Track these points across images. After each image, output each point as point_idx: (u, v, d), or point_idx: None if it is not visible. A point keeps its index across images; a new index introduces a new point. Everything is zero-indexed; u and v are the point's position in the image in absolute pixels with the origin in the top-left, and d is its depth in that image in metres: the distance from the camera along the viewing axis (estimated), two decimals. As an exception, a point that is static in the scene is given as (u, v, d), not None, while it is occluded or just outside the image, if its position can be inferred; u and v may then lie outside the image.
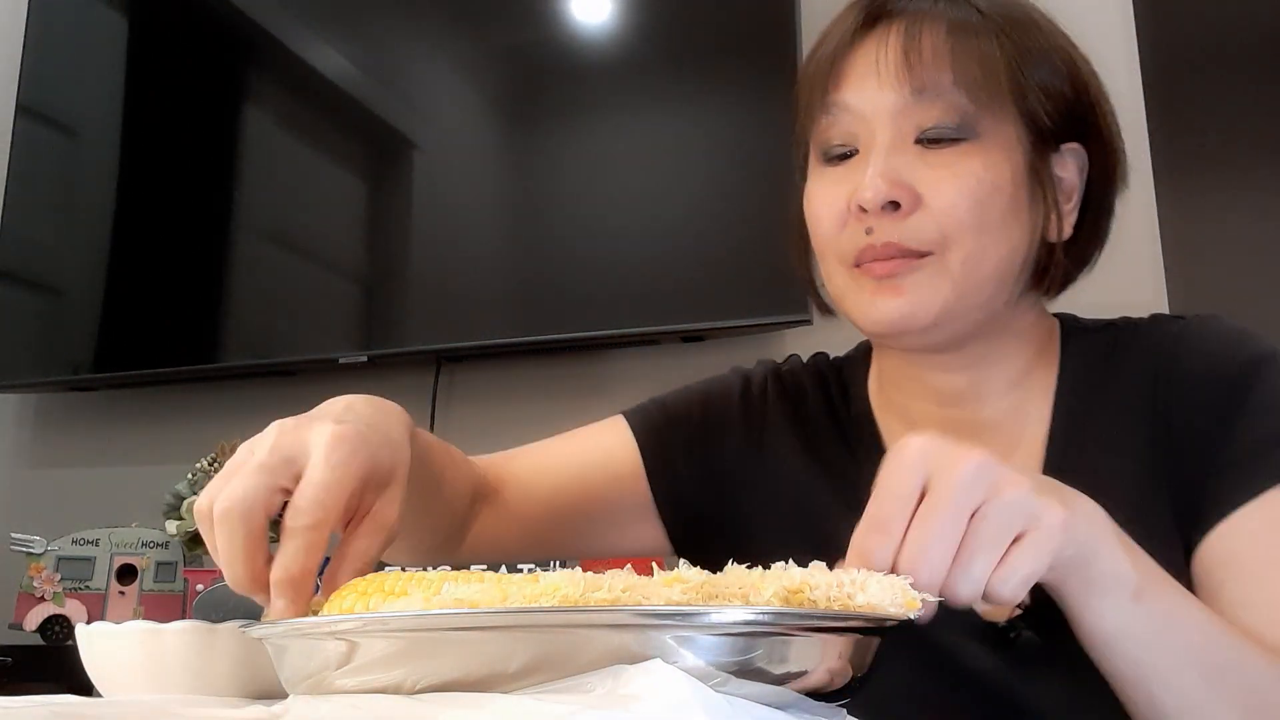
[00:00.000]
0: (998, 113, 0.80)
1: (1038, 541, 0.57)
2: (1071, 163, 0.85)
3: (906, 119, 0.81)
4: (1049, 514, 0.57)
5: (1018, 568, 0.56)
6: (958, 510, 0.55)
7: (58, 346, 2.48)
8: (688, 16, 2.11)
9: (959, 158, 0.80)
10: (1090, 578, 0.61)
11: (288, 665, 0.52)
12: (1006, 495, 0.56)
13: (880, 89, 0.81)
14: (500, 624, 0.45)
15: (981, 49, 0.80)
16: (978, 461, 0.56)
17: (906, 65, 0.80)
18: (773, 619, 0.46)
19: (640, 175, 2.11)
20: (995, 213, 0.80)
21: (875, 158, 0.80)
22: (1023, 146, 0.81)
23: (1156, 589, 0.64)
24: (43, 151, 2.55)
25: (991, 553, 0.56)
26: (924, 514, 0.56)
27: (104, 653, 0.73)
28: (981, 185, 0.79)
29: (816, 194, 0.86)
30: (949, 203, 0.79)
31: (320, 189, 2.37)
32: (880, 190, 0.79)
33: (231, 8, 2.46)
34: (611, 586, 0.45)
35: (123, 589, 2.12)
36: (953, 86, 0.80)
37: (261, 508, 0.58)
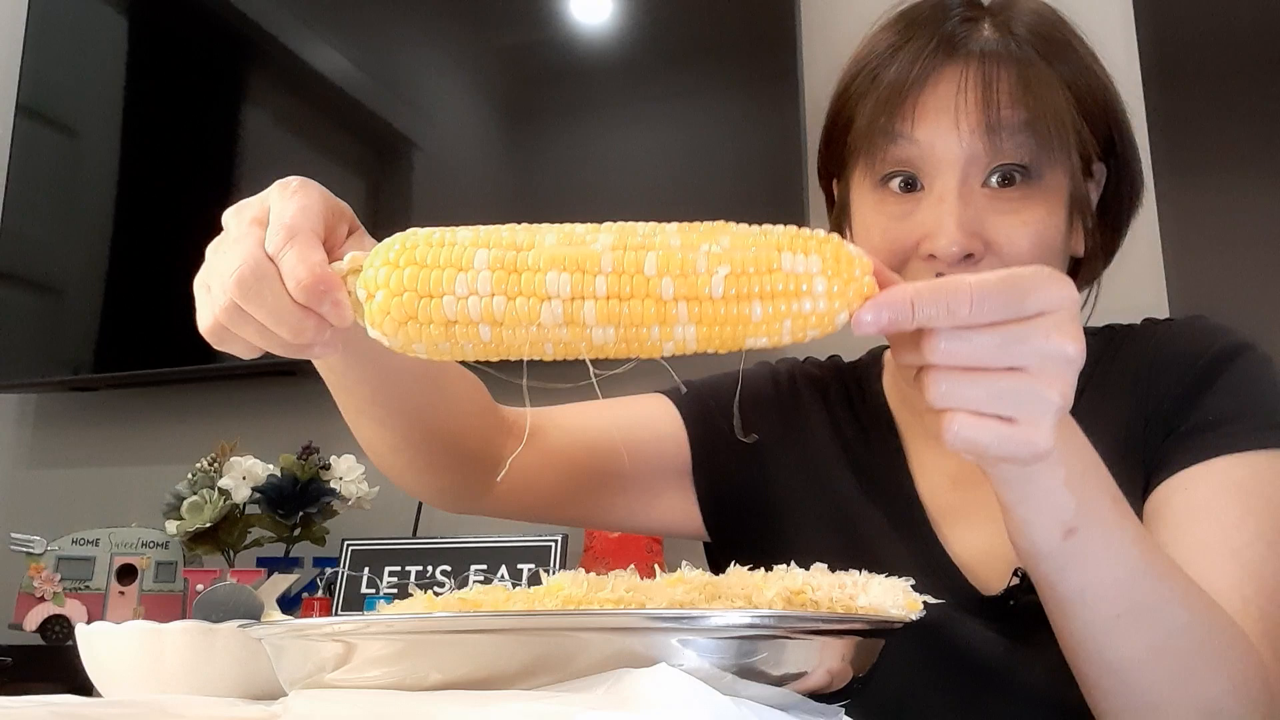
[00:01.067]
0: (1057, 152, 0.82)
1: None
2: (1094, 181, 0.89)
3: (977, 160, 0.82)
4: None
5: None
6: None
7: (58, 346, 2.48)
8: (688, 17, 2.11)
9: (1025, 204, 0.82)
10: (1028, 494, 0.62)
11: (287, 665, 0.52)
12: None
13: (957, 132, 0.82)
14: (504, 627, 0.45)
15: (1050, 96, 0.82)
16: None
17: (984, 107, 0.81)
18: (775, 622, 0.46)
19: (640, 175, 2.11)
20: (1053, 250, 0.83)
21: (949, 205, 0.81)
22: (1071, 180, 0.84)
23: (1093, 529, 0.64)
24: (43, 151, 2.55)
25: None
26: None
27: (104, 653, 0.73)
28: (1047, 230, 0.82)
29: (875, 225, 0.86)
30: (1020, 251, 0.81)
31: (320, 189, 2.36)
32: (959, 243, 0.80)
33: (231, 8, 2.46)
34: (615, 587, 0.45)
35: (123, 589, 2.11)
36: (1023, 129, 0.81)
37: (265, 260, 0.58)
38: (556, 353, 0.54)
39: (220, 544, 2.06)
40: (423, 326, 0.53)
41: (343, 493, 2.02)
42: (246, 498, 2.03)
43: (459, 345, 0.54)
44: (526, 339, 0.53)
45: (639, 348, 0.53)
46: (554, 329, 0.52)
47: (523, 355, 0.54)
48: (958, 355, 0.54)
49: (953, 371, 0.54)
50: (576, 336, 0.52)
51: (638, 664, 0.42)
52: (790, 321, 0.53)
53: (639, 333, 0.52)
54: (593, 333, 0.52)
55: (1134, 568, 0.65)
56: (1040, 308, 0.54)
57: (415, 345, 0.54)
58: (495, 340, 0.53)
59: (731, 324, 0.52)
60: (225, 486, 2.02)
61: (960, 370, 0.54)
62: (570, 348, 0.53)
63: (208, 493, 2.03)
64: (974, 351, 0.54)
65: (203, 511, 2.02)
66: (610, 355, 0.54)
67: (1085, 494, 0.63)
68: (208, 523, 2.01)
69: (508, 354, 0.54)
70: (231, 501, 2.02)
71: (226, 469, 2.05)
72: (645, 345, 0.53)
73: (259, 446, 2.09)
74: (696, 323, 0.52)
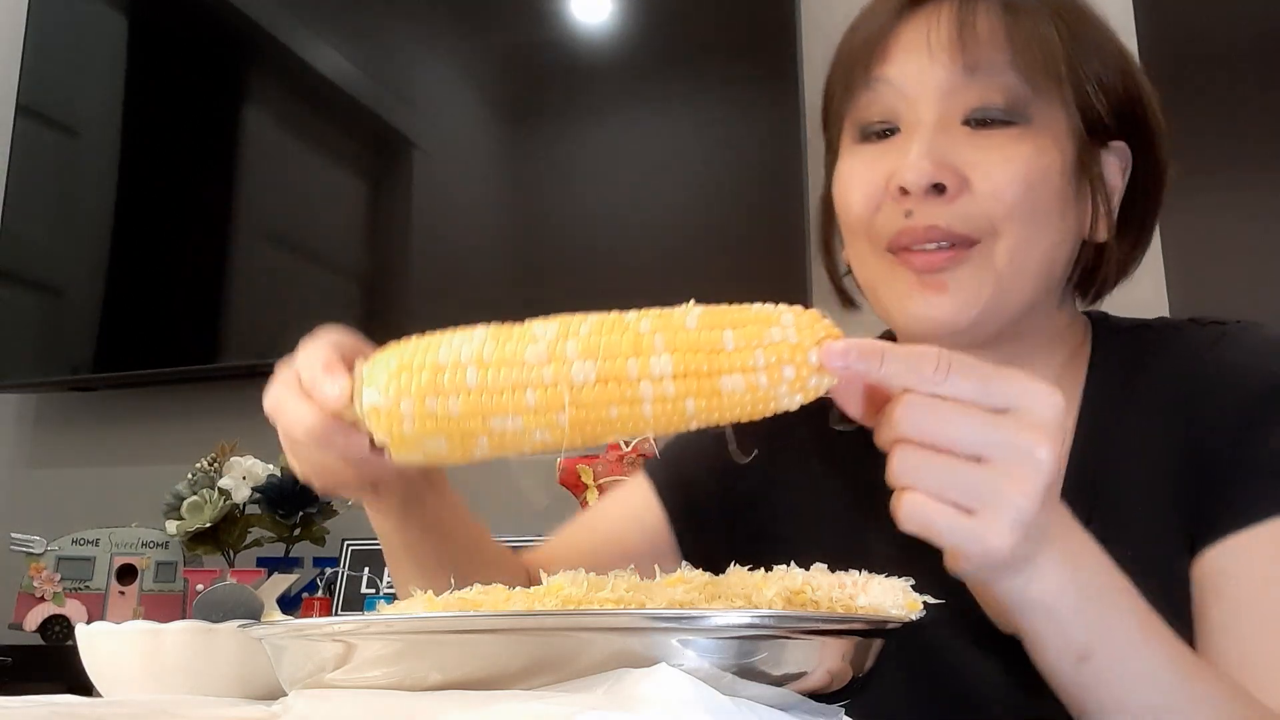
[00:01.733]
0: (1052, 98, 0.77)
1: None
2: (1115, 163, 0.82)
3: (955, 98, 0.77)
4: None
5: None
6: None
7: (58, 346, 2.47)
8: (688, 17, 2.11)
9: (1009, 141, 0.76)
10: (1034, 616, 0.59)
11: (287, 665, 0.52)
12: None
13: (930, 65, 0.77)
14: (504, 627, 0.45)
15: (1039, 31, 0.77)
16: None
17: (960, 41, 0.76)
18: (775, 622, 0.46)
19: (640, 175, 2.11)
20: (1044, 202, 0.76)
21: (920, 137, 0.76)
22: (1074, 137, 0.78)
23: (1111, 655, 0.59)
24: (43, 151, 2.55)
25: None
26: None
27: (104, 653, 0.73)
28: (1032, 170, 0.75)
29: (850, 172, 0.81)
30: (997, 186, 0.75)
31: (320, 189, 2.36)
32: (924, 171, 0.74)
33: (231, 8, 2.46)
34: (615, 587, 0.45)
35: (123, 589, 2.11)
36: (1008, 67, 0.76)
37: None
38: (537, 403, 0.56)
39: (220, 544, 2.06)
40: (422, 408, 0.58)
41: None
42: (246, 498, 2.03)
43: (449, 412, 0.57)
44: (511, 382, 0.56)
45: (617, 389, 0.55)
46: (537, 369, 0.56)
47: (505, 412, 0.57)
48: (923, 427, 0.53)
49: (918, 449, 0.53)
50: (559, 373, 0.55)
51: (638, 664, 0.42)
52: (762, 353, 0.54)
53: (617, 364, 0.55)
54: (573, 367, 0.55)
55: (1164, 691, 0.60)
56: (1013, 403, 0.53)
57: (425, 441, 0.59)
58: (481, 389, 0.56)
59: (706, 351, 0.54)
60: (225, 486, 2.02)
61: (925, 449, 0.53)
62: (554, 394, 0.55)
63: (208, 493, 2.03)
64: (939, 425, 0.53)
65: (203, 511, 2.02)
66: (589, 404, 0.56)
67: (1103, 618, 0.59)
68: (208, 523, 2.01)
69: (493, 411, 0.57)
70: (231, 501, 2.02)
71: (226, 469, 2.05)
72: (623, 382, 0.55)
73: (259, 446, 2.09)
74: (670, 350, 0.55)
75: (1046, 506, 0.54)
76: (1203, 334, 0.81)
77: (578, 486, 1.88)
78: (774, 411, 0.57)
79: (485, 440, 0.58)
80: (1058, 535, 0.57)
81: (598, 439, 0.57)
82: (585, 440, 0.57)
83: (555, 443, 0.57)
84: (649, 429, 0.57)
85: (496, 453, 0.59)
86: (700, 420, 0.56)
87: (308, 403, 0.64)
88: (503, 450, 0.59)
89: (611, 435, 0.57)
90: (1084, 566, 0.59)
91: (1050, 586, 0.57)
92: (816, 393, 0.56)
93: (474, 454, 0.59)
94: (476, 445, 0.58)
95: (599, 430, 0.56)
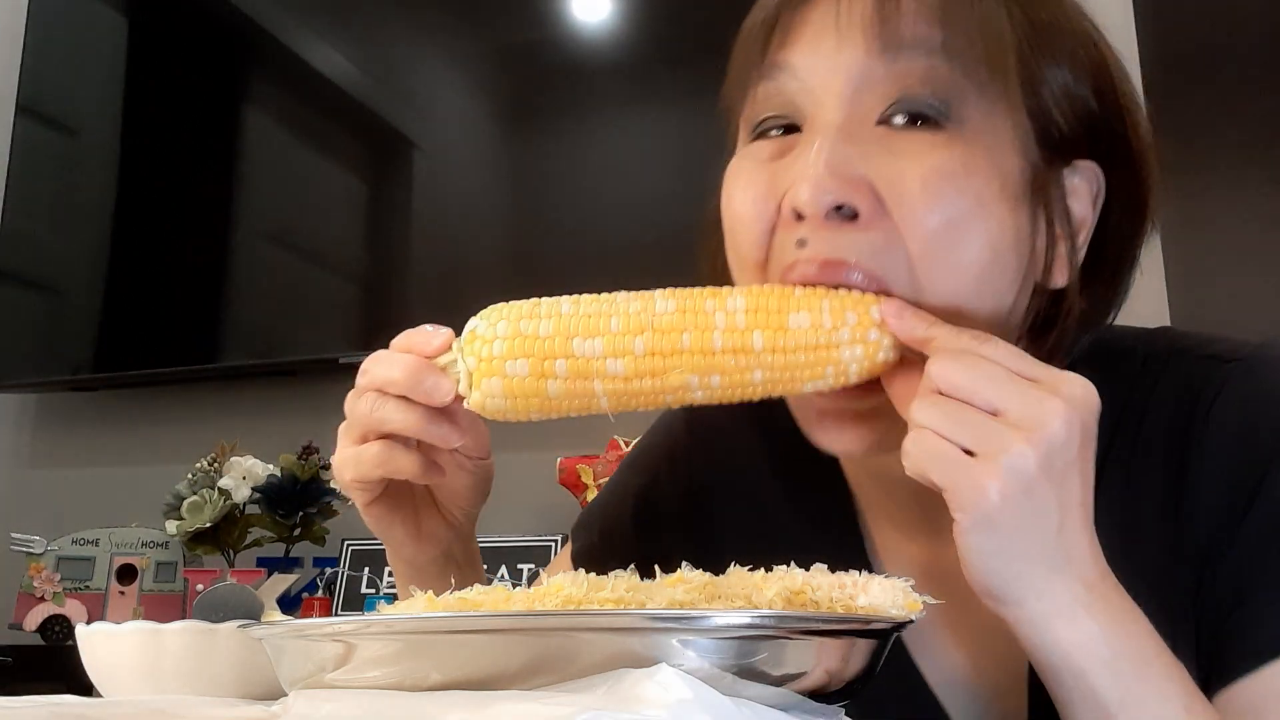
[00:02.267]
0: (993, 98, 0.60)
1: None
2: (1082, 189, 0.65)
3: (870, 90, 0.61)
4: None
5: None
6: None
7: (58, 346, 2.48)
8: (687, 16, 2.11)
9: (932, 148, 0.60)
10: (1063, 683, 0.55)
11: (287, 665, 0.52)
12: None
13: (838, 49, 0.61)
14: (503, 627, 0.45)
15: (984, 8, 0.61)
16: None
17: (880, 15, 0.60)
18: (775, 622, 0.46)
19: (640, 174, 2.11)
20: (974, 240, 0.60)
21: (821, 142, 0.60)
22: (1022, 152, 0.61)
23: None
24: (43, 151, 2.55)
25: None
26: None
27: (104, 653, 0.73)
28: (960, 196, 0.59)
29: (735, 181, 0.65)
30: (915, 217, 0.59)
31: (320, 189, 2.36)
32: (824, 187, 0.58)
33: (231, 8, 2.46)
34: (615, 587, 0.45)
35: (123, 589, 2.11)
36: (939, 48, 0.60)
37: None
38: (620, 326, 0.60)
39: (220, 544, 2.06)
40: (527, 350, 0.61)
41: (343, 493, 2.01)
42: (246, 498, 2.04)
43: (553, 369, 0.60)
44: (599, 310, 0.60)
45: (693, 317, 0.59)
46: (624, 303, 0.60)
47: (589, 333, 0.60)
48: (951, 374, 0.54)
49: (940, 398, 0.54)
50: (644, 306, 0.60)
51: (638, 664, 0.42)
52: (828, 300, 0.58)
53: (696, 301, 0.59)
54: (656, 302, 0.60)
55: None
56: (1045, 377, 0.54)
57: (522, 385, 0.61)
58: (572, 315, 0.60)
59: (777, 295, 0.59)
60: (225, 486, 2.02)
61: (946, 398, 0.54)
62: (636, 319, 0.59)
63: (208, 493, 2.03)
64: (968, 375, 0.54)
65: (203, 511, 2.02)
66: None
67: (1138, 681, 0.54)
68: (208, 523, 2.01)
69: (577, 330, 0.60)
70: (231, 501, 2.03)
71: (226, 469, 2.05)
72: (700, 313, 0.59)
73: (259, 446, 2.09)
74: (745, 295, 0.59)
75: (1056, 483, 0.53)
76: (1192, 382, 0.67)
77: (578, 486, 1.88)
78: (835, 373, 0.58)
79: (563, 366, 0.59)
80: (1089, 575, 0.55)
81: (666, 372, 0.58)
82: (654, 379, 0.59)
83: (626, 378, 0.59)
84: (716, 370, 0.58)
85: (568, 393, 0.60)
86: (766, 369, 0.58)
87: (405, 353, 0.65)
88: (574, 389, 0.60)
89: (680, 372, 0.58)
90: (1121, 626, 0.55)
91: (1078, 636, 0.54)
92: (874, 353, 0.58)
93: (548, 392, 0.60)
94: (553, 372, 0.59)
95: (669, 361, 0.58)
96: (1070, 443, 0.53)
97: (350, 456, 0.68)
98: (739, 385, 0.59)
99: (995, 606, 0.56)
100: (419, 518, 0.74)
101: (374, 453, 0.67)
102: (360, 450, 0.67)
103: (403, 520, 0.73)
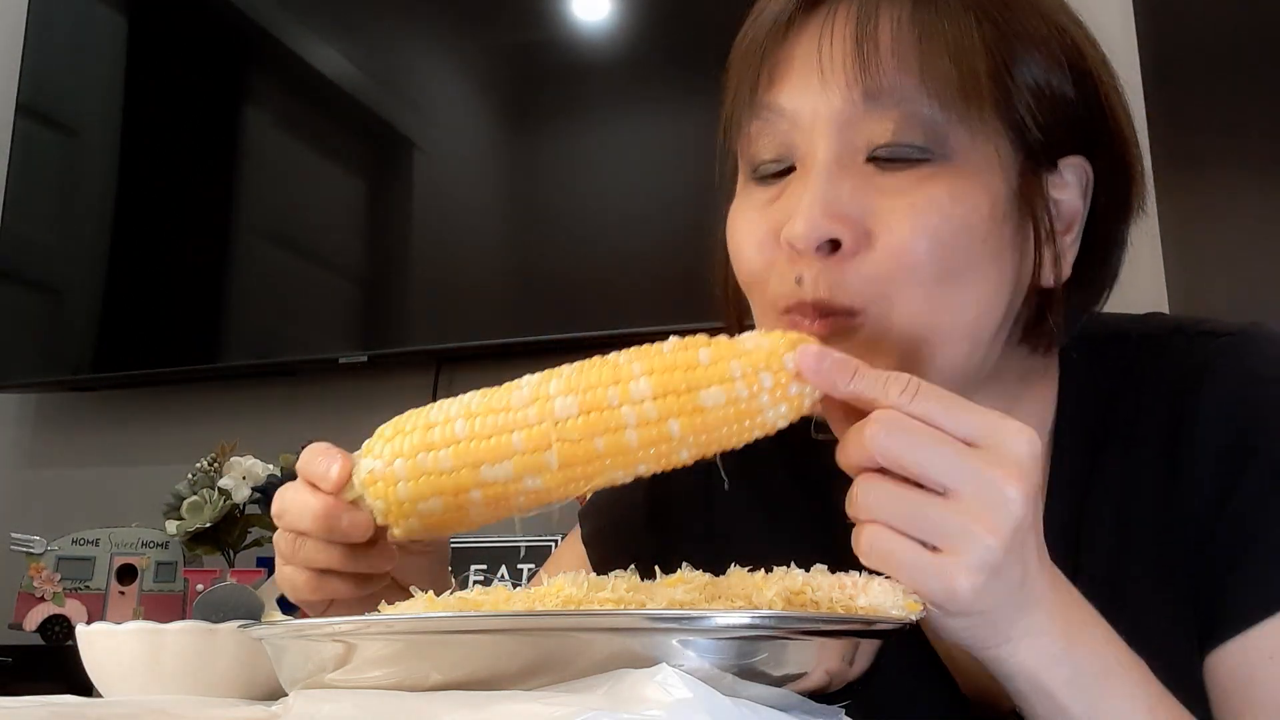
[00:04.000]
0: (974, 125, 0.63)
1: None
2: (1072, 182, 0.68)
3: (856, 129, 0.63)
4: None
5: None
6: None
7: (58, 346, 2.47)
8: (687, 16, 2.11)
9: (918, 183, 0.62)
10: (1032, 706, 0.56)
11: (287, 665, 0.52)
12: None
13: (823, 91, 0.64)
14: (504, 627, 0.45)
15: (956, 38, 0.62)
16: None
17: (859, 61, 0.63)
18: (775, 622, 0.46)
19: (641, 175, 2.11)
20: (962, 258, 0.62)
21: (813, 181, 0.63)
22: (1006, 168, 0.64)
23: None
24: (43, 151, 2.55)
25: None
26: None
27: (104, 653, 0.73)
28: (947, 222, 0.62)
29: (739, 219, 0.69)
30: (901, 243, 0.61)
31: (320, 189, 2.36)
32: (816, 225, 0.61)
33: (231, 8, 2.46)
34: (615, 587, 0.45)
35: (123, 589, 2.11)
36: (917, 91, 0.62)
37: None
38: (524, 444, 0.57)
39: (220, 544, 2.06)
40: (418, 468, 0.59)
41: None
42: (246, 498, 2.03)
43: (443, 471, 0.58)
44: (498, 426, 0.57)
45: (600, 418, 0.56)
46: (522, 410, 0.57)
47: (494, 458, 0.58)
48: (890, 446, 0.51)
49: (883, 480, 0.52)
50: (543, 411, 0.57)
51: (638, 664, 0.42)
52: (738, 363, 0.55)
53: (598, 394, 0.56)
54: (556, 403, 0.57)
55: None
56: (982, 437, 0.51)
57: (420, 505, 0.60)
58: (470, 436, 0.58)
59: (682, 369, 0.55)
60: (225, 486, 2.02)
61: (890, 480, 0.52)
62: (540, 432, 0.56)
63: (208, 493, 2.03)
64: (908, 447, 0.51)
65: (203, 511, 2.02)
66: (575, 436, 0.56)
67: (1105, 700, 0.55)
68: (208, 523, 2.01)
69: (482, 457, 0.58)
70: (231, 501, 2.03)
71: (226, 469, 2.05)
72: (605, 410, 0.56)
73: (259, 446, 2.09)
74: (648, 374, 0.55)
75: (1019, 554, 0.52)
76: (1188, 357, 0.70)
77: (578, 486, 1.88)
78: (763, 429, 0.56)
79: (479, 494, 0.58)
80: (1047, 600, 0.54)
81: (590, 479, 0.57)
82: (576, 484, 0.57)
83: (547, 489, 0.57)
84: (639, 461, 0.57)
85: (490, 510, 0.59)
86: (690, 447, 0.56)
87: (312, 492, 0.63)
88: (496, 507, 0.59)
89: (603, 474, 0.57)
90: (1080, 640, 0.55)
91: (1041, 659, 0.54)
92: (800, 404, 0.56)
93: (469, 514, 0.59)
94: (470, 501, 0.58)
95: (589, 469, 0.56)
96: (1028, 513, 0.52)
97: (286, 580, 0.68)
98: (666, 464, 0.57)
99: (969, 651, 0.56)
100: (384, 597, 0.73)
101: (304, 582, 0.67)
102: (293, 577, 0.67)
103: (365, 605, 0.71)
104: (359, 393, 2.20)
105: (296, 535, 0.65)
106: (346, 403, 2.19)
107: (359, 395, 2.20)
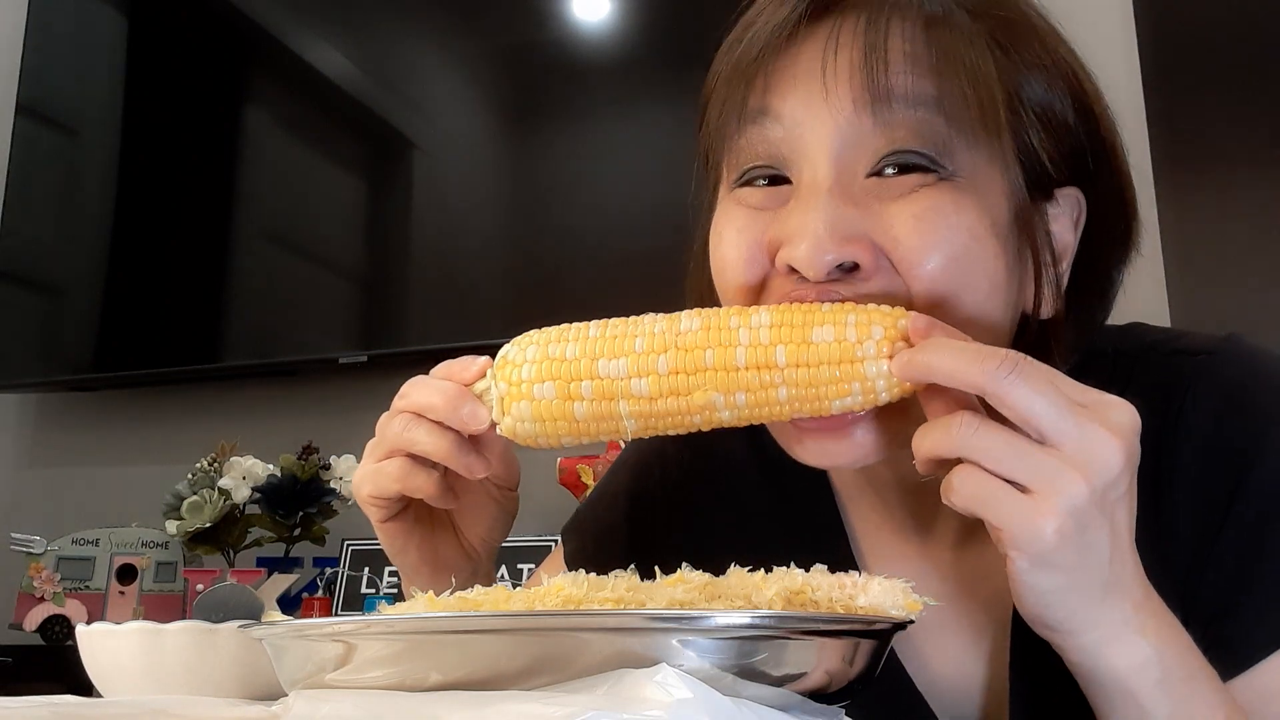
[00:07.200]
0: (980, 147, 0.62)
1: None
2: (1065, 214, 0.67)
3: (860, 145, 0.62)
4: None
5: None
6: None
7: (58, 346, 2.48)
8: (688, 16, 2.11)
9: (924, 198, 0.61)
10: (1114, 708, 0.56)
11: (287, 665, 0.52)
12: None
13: (827, 100, 0.61)
14: (504, 627, 0.45)
15: (970, 58, 0.61)
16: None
17: (867, 70, 0.61)
18: (775, 622, 0.46)
19: (640, 174, 2.11)
20: (974, 276, 0.61)
21: (818, 201, 0.61)
22: (1008, 193, 0.63)
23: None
24: (43, 151, 2.55)
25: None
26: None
27: (104, 653, 0.73)
28: (956, 235, 0.60)
29: (726, 228, 0.66)
30: (915, 253, 0.60)
31: (320, 189, 2.36)
32: (823, 248, 0.60)
33: (231, 8, 2.46)
34: (615, 587, 0.45)
35: (123, 589, 2.12)
36: (929, 103, 0.61)
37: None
38: (644, 346, 0.60)
39: (220, 544, 2.06)
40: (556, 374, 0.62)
41: (342, 493, 2.02)
42: (246, 498, 2.04)
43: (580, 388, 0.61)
44: (624, 331, 0.61)
45: (716, 334, 0.59)
46: (649, 324, 0.61)
47: (613, 354, 0.61)
48: (1005, 388, 0.51)
49: (984, 421, 0.52)
50: (669, 326, 0.60)
51: (638, 664, 0.42)
52: (854, 314, 0.57)
53: (720, 318, 0.60)
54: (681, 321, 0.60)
55: None
56: (1089, 401, 0.52)
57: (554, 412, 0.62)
58: (598, 338, 0.61)
59: (802, 310, 0.58)
60: (225, 486, 2.03)
61: (991, 423, 0.52)
62: (660, 339, 0.60)
63: (208, 493, 2.03)
64: (1024, 387, 0.51)
65: (203, 511, 2.02)
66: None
67: (1187, 705, 0.55)
68: (208, 523, 2.01)
69: (602, 352, 0.61)
70: (231, 501, 2.03)
71: (226, 469, 2.05)
72: (723, 330, 0.59)
73: (259, 446, 2.09)
74: (770, 311, 0.59)
75: (1108, 515, 0.52)
76: (1163, 376, 0.68)
77: (578, 486, 1.88)
78: (863, 385, 0.57)
79: (589, 386, 0.60)
80: (1135, 593, 0.55)
81: (688, 393, 0.58)
82: (677, 397, 0.59)
83: (649, 397, 0.59)
84: (739, 387, 0.58)
85: (593, 414, 0.61)
86: (789, 384, 0.57)
87: (444, 380, 0.66)
88: (600, 410, 0.60)
89: (702, 389, 0.58)
90: (1169, 641, 0.55)
91: (1132, 660, 0.54)
92: (897, 387, 0.57)
93: (573, 412, 0.61)
94: (579, 394, 0.60)
95: (692, 379, 0.58)
96: (1122, 476, 0.52)
97: (370, 472, 0.69)
98: (765, 404, 0.58)
99: (1048, 635, 0.56)
100: (435, 542, 0.73)
101: (394, 468, 0.67)
102: (381, 465, 0.68)
103: (418, 544, 0.73)
104: (359, 393, 2.20)
105: (413, 417, 0.66)
106: (346, 403, 2.19)
107: (359, 395, 2.20)
